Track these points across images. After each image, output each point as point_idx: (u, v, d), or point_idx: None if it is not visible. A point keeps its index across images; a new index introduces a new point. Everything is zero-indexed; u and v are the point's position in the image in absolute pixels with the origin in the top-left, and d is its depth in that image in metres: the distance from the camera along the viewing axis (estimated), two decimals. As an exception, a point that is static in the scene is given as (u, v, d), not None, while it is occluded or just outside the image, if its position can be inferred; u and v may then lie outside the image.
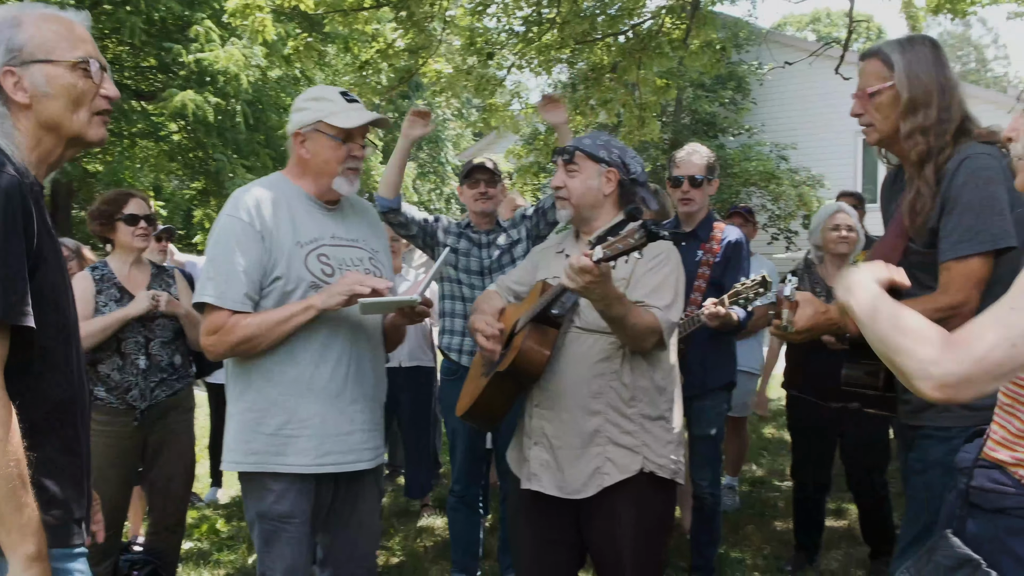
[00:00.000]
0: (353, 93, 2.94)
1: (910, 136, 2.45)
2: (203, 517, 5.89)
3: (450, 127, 32.77)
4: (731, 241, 4.28)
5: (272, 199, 2.78)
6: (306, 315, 2.67)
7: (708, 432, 4.35)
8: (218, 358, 2.77)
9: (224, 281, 2.66)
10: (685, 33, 7.95)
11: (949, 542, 1.67)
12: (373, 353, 2.95)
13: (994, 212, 2.31)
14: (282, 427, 2.72)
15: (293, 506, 2.74)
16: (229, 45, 15.33)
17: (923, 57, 2.46)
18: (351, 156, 2.83)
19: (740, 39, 18.86)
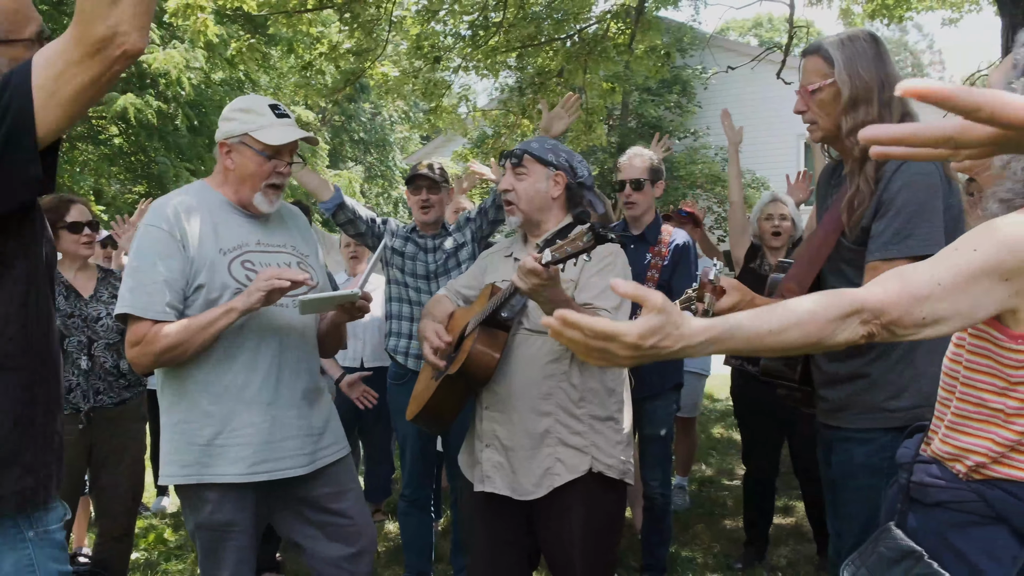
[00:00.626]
0: (284, 106, 2.90)
1: (852, 133, 2.45)
2: (150, 526, 5.79)
3: (398, 130, 32.63)
4: (679, 244, 4.32)
5: (193, 207, 2.74)
6: (228, 318, 2.62)
7: (658, 432, 4.39)
8: (143, 370, 2.69)
9: (145, 292, 2.62)
10: (630, 38, 8.02)
11: (892, 534, 1.70)
12: (306, 357, 2.92)
13: (925, 218, 2.33)
14: (215, 437, 2.69)
15: (232, 515, 2.72)
16: (170, 47, 15.09)
17: (863, 53, 2.46)
18: (276, 172, 2.80)
19: (684, 44, 19.11)
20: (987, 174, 1.70)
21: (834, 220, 2.55)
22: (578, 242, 2.33)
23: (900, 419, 2.39)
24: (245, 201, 2.82)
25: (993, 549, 1.58)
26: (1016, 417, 1.56)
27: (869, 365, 2.46)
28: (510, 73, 11.64)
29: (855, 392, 2.50)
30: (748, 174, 19.35)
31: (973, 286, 1.47)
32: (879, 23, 11.15)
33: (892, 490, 1.85)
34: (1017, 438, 1.57)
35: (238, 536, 2.74)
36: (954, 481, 1.65)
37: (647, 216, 4.39)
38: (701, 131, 20.26)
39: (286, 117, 2.80)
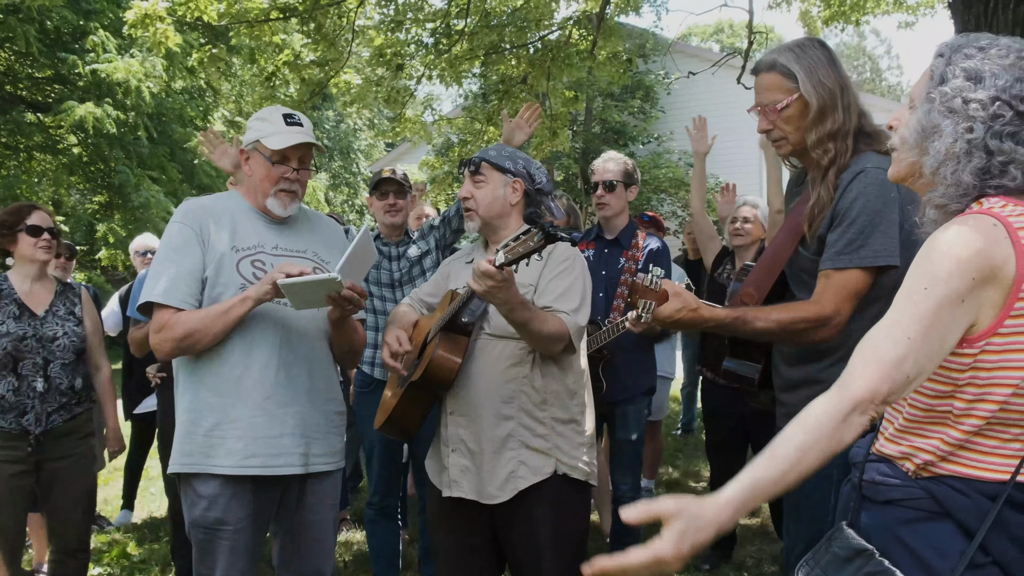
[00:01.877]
0: (300, 115, 2.98)
1: (819, 144, 2.44)
2: (113, 541, 5.72)
3: (362, 137, 32.53)
4: (653, 249, 4.36)
5: (216, 207, 2.92)
6: (243, 306, 2.71)
7: (630, 436, 4.41)
8: (166, 356, 2.82)
9: (169, 281, 2.76)
10: (592, 44, 8.06)
11: (844, 533, 1.73)
12: (312, 358, 2.93)
13: (879, 229, 2.32)
14: (213, 428, 2.77)
15: (225, 513, 2.75)
16: (128, 56, 14.93)
17: (819, 60, 2.44)
18: (284, 178, 2.88)
19: (647, 50, 19.23)
20: (920, 182, 1.74)
21: (794, 227, 2.56)
22: (529, 242, 2.36)
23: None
24: (262, 206, 2.94)
25: (941, 544, 1.61)
26: (964, 417, 1.61)
27: (825, 371, 2.45)
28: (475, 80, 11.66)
29: (810, 397, 2.48)
30: (711, 178, 19.50)
31: (938, 323, 1.54)
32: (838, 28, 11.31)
33: (846, 488, 1.89)
34: (964, 437, 1.61)
35: (231, 535, 2.75)
36: (904, 479, 1.68)
37: (620, 219, 4.42)
38: (665, 136, 20.40)
39: (297, 125, 2.90)
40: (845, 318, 2.36)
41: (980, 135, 1.61)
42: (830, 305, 2.36)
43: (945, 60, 1.69)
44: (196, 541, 2.81)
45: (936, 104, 1.66)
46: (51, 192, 18.56)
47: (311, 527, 2.96)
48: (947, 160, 1.64)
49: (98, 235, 18.56)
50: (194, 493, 2.79)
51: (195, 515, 2.79)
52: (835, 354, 2.44)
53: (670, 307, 2.42)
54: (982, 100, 1.61)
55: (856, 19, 11.04)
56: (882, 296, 2.38)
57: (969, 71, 1.64)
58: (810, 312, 2.37)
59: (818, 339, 2.39)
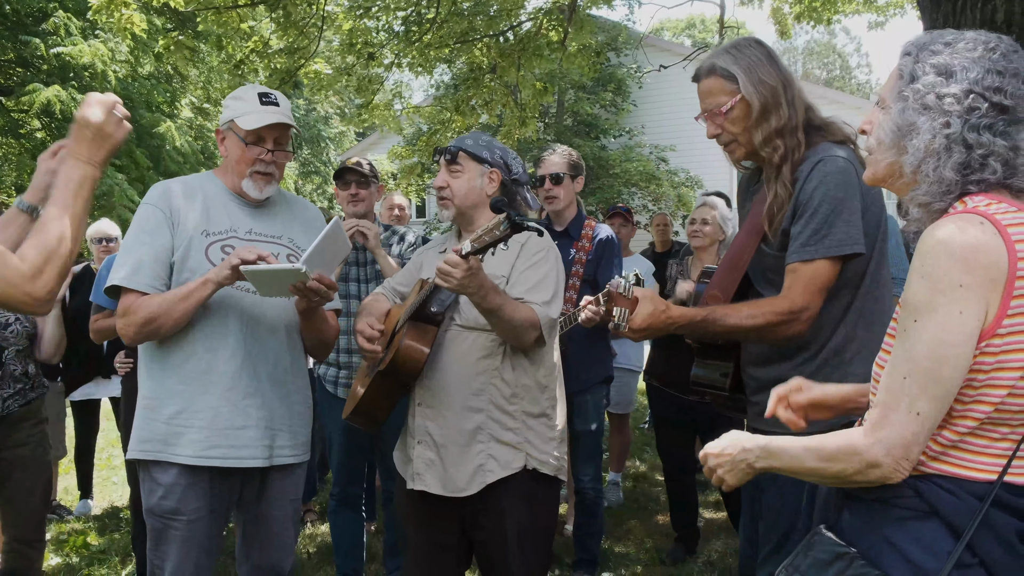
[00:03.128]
0: (277, 94, 2.90)
1: (768, 142, 2.42)
2: (73, 531, 5.64)
3: (333, 126, 32.27)
4: (602, 239, 4.34)
5: (188, 190, 2.84)
6: (204, 290, 2.65)
7: (589, 427, 4.40)
8: (130, 341, 2.76)
9: (135, 264, 2.70)
10: (563, 35, 8.04)
11: (824, 538, 1.71)
12: (279, 349, 2.87)
13: (842, 217, 2.31)
14: (175, 416, 2.72)
15: (180, 503, 2.71)
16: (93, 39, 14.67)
17: (757, 59, 2.44)
18: (259, 159, 2.81)
19: (619, 43, 19.26)
20: (900, 182, 1.73)
21: (754, 226, 2.55)
22: (495, 231, 2.35)
23: (823, 425, 2.28)
24: (237, 187, 2.87)
25: (929, 544, 1.60)
26: (959, 418, 1.59)
27: (795, 370, 2.38)
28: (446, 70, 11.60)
29: None
30: (682, 172, 19.62)
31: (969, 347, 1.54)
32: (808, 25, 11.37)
33: (823, 488, 1.87)
34: (958, 437, 1.60)
35: (185, 526, 2.71)
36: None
37: (569, 211, 4.41)
38: (636, 130, 20.45)
39: (273, 105, 2.82)
40: (816, 312, 2.35)
41: (957, 129, 1.60)
42: (800, 299, 2.34)
43: (913, 58, 1.68)
44: (151, 529, 2.78)
45: (910, 102, 1.65)
46: (14, 177, 18.24)
47: (271, 521, 2.92)
48: (927, 157, 1.63)
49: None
50: (152, 480, 2.75)
51: (151, 503, 2.75)
52: (804, 353, 2.44)
53: (642, 312, 2.40)
54: (955, 94, 1.61)
55: (828, 18, 11.11)
56: (848, 285, 2.38)
57: (939, 66, 1.64)
58: (781, 307, 2.36)
59: (790, 333, 2.38)
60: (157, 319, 2.66)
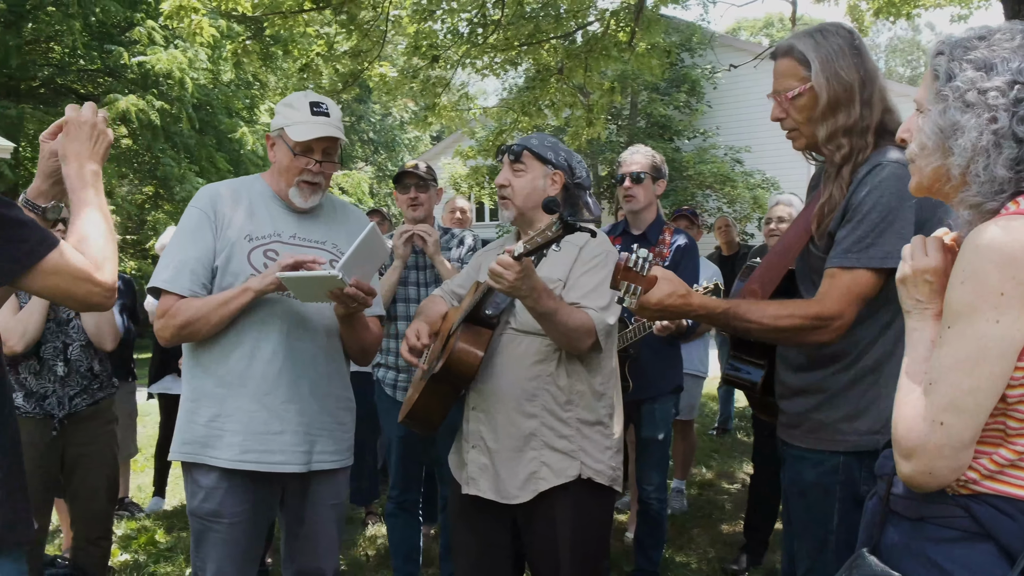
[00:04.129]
0: (329, 103, 2.90)
1: (831, 139, 2.30)
2: (143, 528, 5.76)
3: (408, 131, 32.63)
4: (680, 246, 4.25)
5: (234, 193, 2.85)
6: (244, 297, 2.66)
7: (656, 436, 4.32)
8: (167, 343, 2.78)
9: (175, 267, 2.72)
10: (630, 36, 7.94)
11: (867, 561, 1.62)
12: (319, 354, 2.86)
13: (892, 228, 2.17)
14: (213, 419, 2.73)
15: (221, 505, 2.72)
16: (172, 47, 15.09)
17: (840, 49, 2.28)
18: (306, 170, 2.81)
19: (693, 43, 19.04)
20: (948, 186, 1.62)
21: (804, 224, 2.43)
22: (547, 232, 2.31)
23: (852, 444, 2.26)
24: (283, 194, 2.87)
25: (979, 568, 1.50)
26: (1017, 436, 1.50)
27: (829, 379, 2.32)
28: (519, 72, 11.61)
29: (811, 408, 2.36)
30: (758, 174, 19.28)
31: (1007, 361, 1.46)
32: (887, 22, 11.04)
33: (871, 503, 1.77)
34: (1015, 457, 1.50)
35: (226, 529, 2.73)
36: (939, 495, 1.57)
37: (647, 214, 4.32)
38: (710, 131, 20.18)
39: (324, 115, 2.81)
40: (848, 321, 2.21)
41: (1006, 124, 1.50)
42: (833, 306, 2.20)
43: (947, 57, 1.58)
44: (193, 530, 2.80)
45: (950, 101, 1.55)
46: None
47: (314, 525, 2.91)
48: (976, 156, 1.53)
49: (148, 225, 18.90)
50: (193, 483, 2.77)
51: (193, 505, 2.78)
52: (840, 362, 2.31)
53: (659, 291, 2.23)
54: (999, 87, 1.51)
55: (907, 12, 10.76)
56: (891, 302, 2.21)
57: (977, 61, 1.54)
58: (810, 311, 2.22)
59: (816, 341, 2.25)
60: (194, 323, 2.68)
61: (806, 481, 2.37)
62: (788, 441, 2.46)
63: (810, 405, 2.36)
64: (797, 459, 2.42)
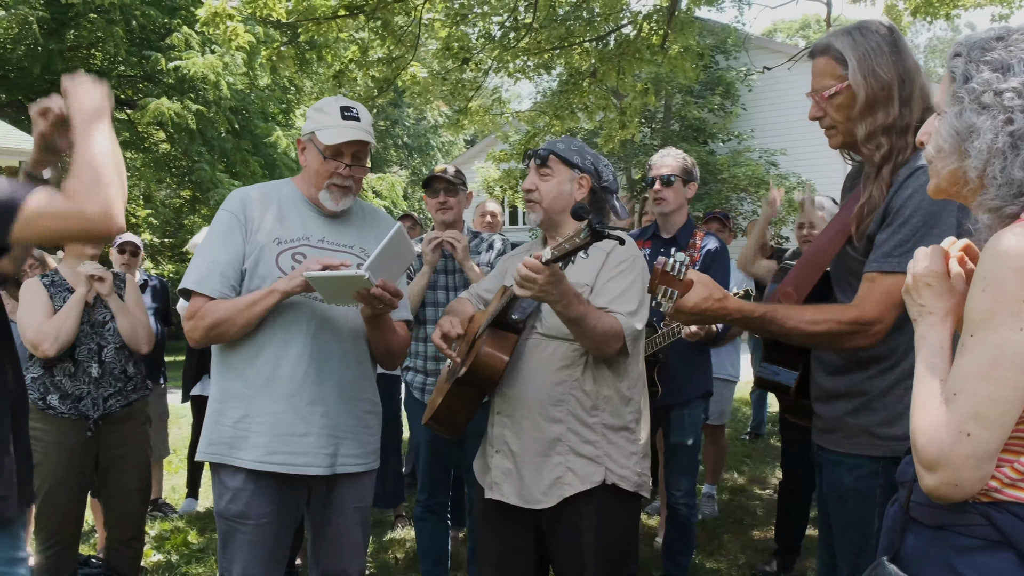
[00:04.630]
0: (359, 108, 2.91)
1: (870, 138, 2.26)
2: (176, 529, 5.82)
3: (442, 135, 32.71)
4: (711, 250, 4.21)
5: (265, 197, 2.88)
6: (270, 299, 2.68)
7: (685, 441, 4.29)
8: (196, 344, 2.83)
9: (205, 269, 2.76)
10: (662, 38, 7.91)
11: (887, 570, 1.60)
12: (346, 356, 2.87)
13: (933, 232, 2.11)
14: (239, 420, 2.75)
15: (247, 507, 2.74)
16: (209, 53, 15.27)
17: (878, 47, 2.25)
18: (336, 173, 2.82)
19: (728, 46, 18.90)
20: (966, 189, 1.59)
21: (842, 225, 2.39)
22: (576, 238, 2.29)
23: (891, 448, 2.22)
24: (314, 197, 2.89)
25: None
26: None
27: (867, 382, 2.28)
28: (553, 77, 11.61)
29: (847, 412, 2.33)
30: (793, 177, 19.08)
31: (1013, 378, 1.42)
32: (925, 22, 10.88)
33: (892, 510, 1.75)
34: None
35: (253, 530, 2.74)
36: (960, 502, 1.53)
37: (678, 217, 4.29)
38: (745, 134, 20.01)
39: (354, 120, 2.82)
40: (887, 326, 2.17)
41: (1022, 125, 1.48)
42: (872, 310, 2.17)
43: (964, 58, 1.56)
44: (219, 530, 2.83)
45: (966, 103, 1.53)
46: (141, 187, 19.14)
47: (339, 527, 2.92)
48: (992, 158, 1.50)
49: (185, 229, 19.14)
50: (220, 484, 2.80)
51: (220, 506, 2.80)
52: (878, 366, 2.27)
53: (695, 296, 2.23)
54: (1016, 88, 1.49)
55: (946, 12, 10.59)
56: None
57: (994, 62, 1.52)
58: (848, 315, 2.20)
59: (854, 346, 2.22)
60: (222, 325, 2.71)
61: (844, 486, 2.34)
62: (824, 446, 2.43)
63: (847, 409, 2.33)
64: (834, 464, 2.38)
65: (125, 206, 1.95)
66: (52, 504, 3.78)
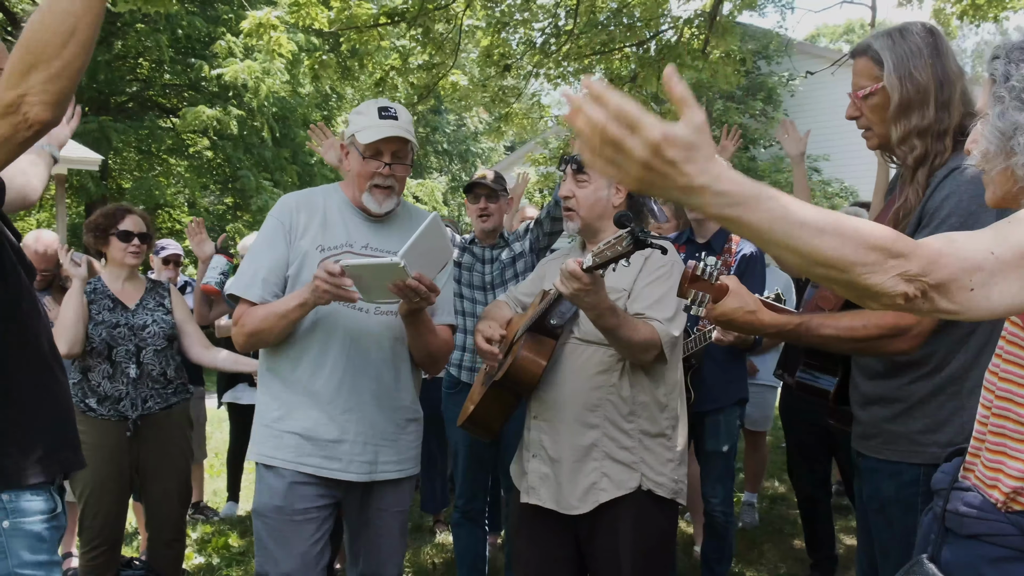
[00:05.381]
0: (397, 107, 2.91)
1: (904, 140, 2.25)
2: (218, 531, 5.88)
3: (481, 141, 32.82)
4: (746, 254, 4.18)
5: (311, 202, 2.91)
6: (300, 311, 2.70)
7: (720, 448, 4.25)
8: (241, 348, 2.92)
9: (250, 275, 2.81)
10: (704, 43, 7.87)
11: (924, 568, 1.58)
12: (383, 364, 2.87)
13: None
14: (276, 421, 2.82)
15: (284, 502, 2.77)
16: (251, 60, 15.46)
17: (916, 50, 2.24)
18: (377, 173, 2.82)
19: (770, 51, 18.74)
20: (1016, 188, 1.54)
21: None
22: (617, 247, 2.28)
23: (933, 456, 2.15)
24: (358, 201, 2.90)
25: None
26: None
27: (906, 387, 2.24)
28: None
29: (887, 418, 2.29)
30: (836, 183, 18.87)
31: None
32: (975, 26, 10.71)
33: (927, 518, 1.72)
34: None
35: (289, 529, 2.76)
36: (991, 511, 1.52)
37: (712, 223, 4.27)
38: (787, 139, 19.81)
39: (392, 119, 2.82)
40: (927, 330, 2.14)
41: None
42: (911, 314, 2.13)
43: (1004, 60, 1.53)
44: (256, 530, 2.85)
45: (1007, 102, 1.50)
46: (186, 194, 19.43)
47: (377, 531, 2.93)
48: None
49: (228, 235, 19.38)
50: (261, 482, 2.86)
51: (259, 503, 2.84)
52: (918, 370, 2.23)
53: (727, 305, 2.21)
54: None
55: (995, 15, 10.42)
56: None
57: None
58: (886, 320, 2.15)
59: (894, 351, 2.18)
60: (261, 332, 2.77)
61: (885, 496, 2.30)
62: (864, 452, 2.40)
63: (887, 415, 2.30)
64: (873, 471, 2.35)
65: (58, 101, 1.70)
66: (95, 506, 3.83)
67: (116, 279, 4.04)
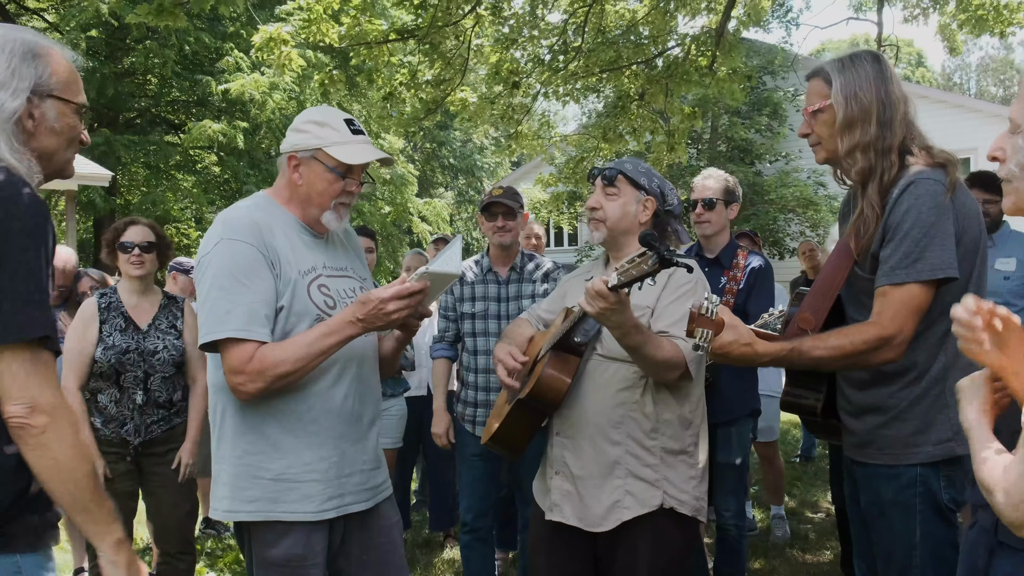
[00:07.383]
0: (358, 121, 2.72)
1: (849, 154, 2.42)
2: (228, 547, 5.88)
3: (487, 156, 32.90)
4: (755, 268, 4.19)
5: (270, 223, 2.54)
6: (350, 329, 2.43)
7: (733, 460, 4.24)
8: (251, 397, 2.42)
9: (246, 311, 2.39)
10: (711, 60, 7.91)
11: None
12: (376, 389, 2.78)
13: (935, 241, 2.26)
14: (284, 471, 2.49)
15: (305, 549, 2.52)
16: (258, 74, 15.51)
17: (863, 74, 2.42)
18: (346, 192, 2.61)
19: (775, 66, 18.79)
20: None
21: (845, 247, 2.50)
22: (643, 265, 2.28)
23: (928, 454, 2.33)
24: (311, 220, 2.62)
25: None
26: None
27: (895, 395, 2.39)
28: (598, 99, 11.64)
29: (879, 425, 2.43)
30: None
31: None
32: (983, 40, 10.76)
33: (971, 533, 1.72)
34: None
35: (310, 571, 2.53)
36: None
37: (720, 238, 4.28)
38: (793, 154, 19.82)
39: (361, 134, 2.62)
40: (908, 336, 2.29)
41: None
42: (891, 324, 2.29)
43: None
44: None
45: None
46: (194, 209, 19.49)
47: (385, 545, 2.77)
48: None
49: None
50: (263, 538, 2.53)
51: (270, 555, 2.51)
52: (904, 378, 2.38)
53: (723, 339, 2.32)
54: None
55: (1000, 30, 10.49)
56: (946, 312, 2.19)
57: None
58: (870, 334, 2.30)
59: (881, 360, 2.33)
60: (295, 372, 2.41)
61: (884, 500, 2.41)
62: (860, 460, 2.51)
63: (879, 423, 2.43)
64: (871, 477, 2.46)
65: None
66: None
67: (131, 293, 4.05)
